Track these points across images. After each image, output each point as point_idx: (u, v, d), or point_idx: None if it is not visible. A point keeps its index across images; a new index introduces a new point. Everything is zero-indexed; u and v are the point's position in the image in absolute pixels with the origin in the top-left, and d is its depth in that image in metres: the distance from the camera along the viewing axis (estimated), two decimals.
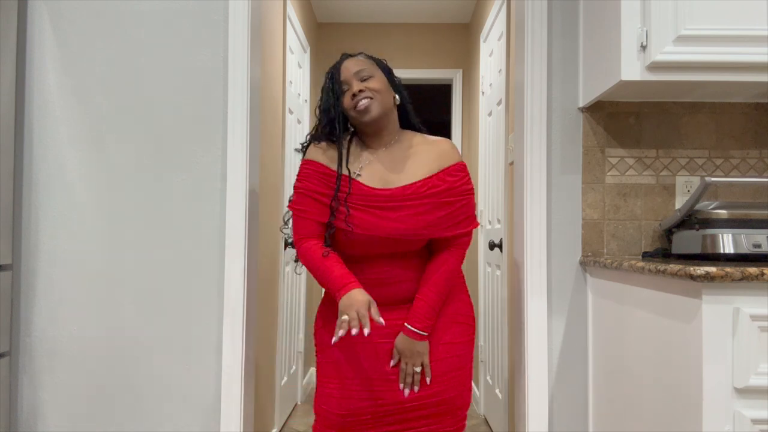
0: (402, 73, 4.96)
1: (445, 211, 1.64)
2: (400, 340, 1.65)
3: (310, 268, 1.67)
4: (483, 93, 3.61)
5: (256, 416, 2.55)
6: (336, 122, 1.65)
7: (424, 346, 1.65)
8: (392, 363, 1.66)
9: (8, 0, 1.88)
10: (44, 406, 1.97)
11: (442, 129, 4.90)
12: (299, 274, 1.80)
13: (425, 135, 1.76)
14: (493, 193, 3.22)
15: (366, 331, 1.49)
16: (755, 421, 1.35)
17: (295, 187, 1.70)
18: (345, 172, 1.65)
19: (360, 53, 1.74)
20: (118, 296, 1.98)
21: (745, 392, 1.35)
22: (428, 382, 1.66)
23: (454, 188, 1.65)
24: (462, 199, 1.67)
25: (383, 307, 1.63)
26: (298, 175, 1.70)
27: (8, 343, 1.90)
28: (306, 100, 3.91)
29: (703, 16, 1.69)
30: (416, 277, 1.69)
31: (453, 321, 1.72)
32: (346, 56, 1.72)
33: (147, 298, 1.98)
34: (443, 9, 4.18)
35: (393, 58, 4.47)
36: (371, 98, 1.62)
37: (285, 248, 3.23)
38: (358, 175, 1.66)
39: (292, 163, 3.47)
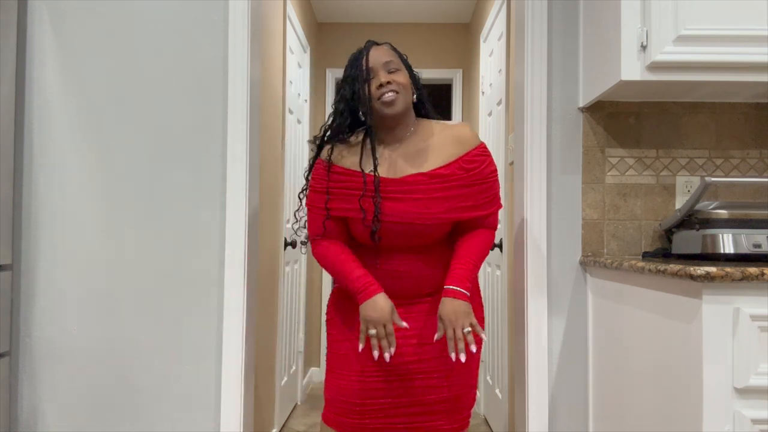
0: None
1: (466, 194, 1.63)
2: (444, 304, 1.58)
3: (325, 265, 1.68)
4: (483, 93, 3.61)
5: (256, 416, 2.55)
6: (365, 109, 1.61)
7: (468, 306, 1.58)
8: (437, 336, 1.58)
9: (8, 0, 1.88)
10: (44, 406, 1.97)
11: None
12: (303, 254, 1.81)
13: (441, 122, 1.72)
14: None
15: (387, 355, 1.55)
16: (755, 421, 1.35)
17: (310, 186, 1.69)
18: (363, 169, 1.62)
19: (386, 42, 1.70)
20: (118, 296, 1.98)
21: (745, 392, 1.35)
22: (484, 338, 1.62)
23: (473, 174, 1.64)
24: (485, 182, 1.66)
25: (403, 300, 1.65)
26: (312, 174, 1.69)
27: (8, 343, 1.90)
28: (306, 100, 3.91)
29: (703, 16, 1.69)
30: (437, 273, 1.67)
31: None
32: (372, 43, 1.67)
33: (147, 298, 1.98)
34: (443, 9, 4.18)
35: None
36: (397, 92, 1.60)
37: (285, 248, 3.23)
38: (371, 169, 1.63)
39: (292, 163, 3.47)
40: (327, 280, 4.31)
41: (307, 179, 1.72)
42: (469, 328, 1.57)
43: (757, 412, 1.35)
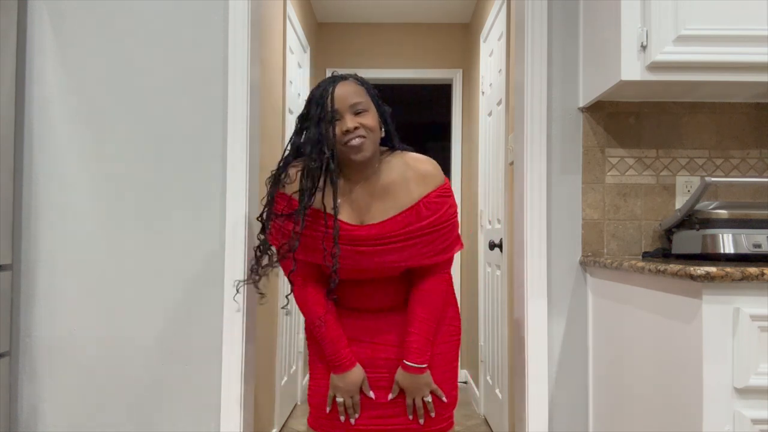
0: (402, 73, 4.97)
1: (426, 241, 1.60)
2: (402, 376, 1.64)
3: (307, 322, 1.71)
4: (483, 93, 3.61)
5: (256, 416, 2.55)
6: (330, 157, 1.51)
7: (427, 377, 1.65)
8: (391, 396, 1.66)
9: (8, 0, 1.88)
10: (44, 406, 1.97)
11: (442, 129, 4.90)
12: (287, 314, 1.81)
13: (406, 155, 1.65)
14: (493, 193, 3.22)
15: (353, 420, 1.65)
16: (755, 421, 1.35)
17: (274, 222, 1.61)
18: (322, 207, 1.55)
19: (351, 76, 1.61)
20: (118, 296, 1.98)
21: (745, 392, 1.35)
22: (445, 400, 1.68)
23: (435, 217, 1.60)
24: (445, 226, 1.62)
25: (372, 313, 1.71)
26: (276, 209, 1.60)
27: (8, 343, 1.90)
28: None
29: (703, 16, 1.69)
30: (402, 289, 1.71)
31: (441, 323, 1.72)
32: (337, 79, 1.58)
33: (147, 298, 1.98)
34: (443, 9, 4.18)
35: (393, 58, 4.50)
36: (365, 137, 1.53)
37: None
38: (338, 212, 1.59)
39: None
40: None
41: (266, 217, 1.63)
42: (429, 398, 1.66)
43: (757, 412, 1.35)
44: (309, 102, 1.58)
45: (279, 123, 3.11)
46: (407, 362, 1.63)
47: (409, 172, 1.62)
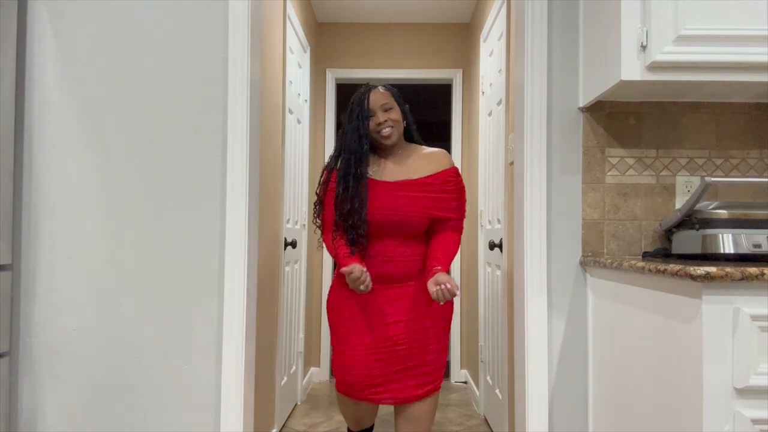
0: (402, 73, 4.97)
1: (442, 198, 2.10)
2: (439, 275, 1.94)
3: (328, 250, 2.13)
4: (483, 93, 3.61)
5: (256, 416, 2.55)
6: (363, 138, 2.06)
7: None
8: (435, 295, 1.90)
9: (8, 0, 1.88)
10: (44, 406, 1.97)
11: (442, 129, 4.90)
12: (320, 248, 2.32)
13: (424, 147, 2.21)
14: (493, 193, 3.21)
15: (368, 286, 1.96)
16: (755, 421, 1.35)
17: (329, 190, 2.11)
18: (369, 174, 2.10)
19: (382, 85, 2.13)
20: (118, 296, 1.98)
21: (745, 392, 1.35)
22: (458, 294, 2.00)
23: (448, 184, 2.12)
24: (455, 193, 2.14)
25: (393, 284, 2.08)
26: (326, 179, 2.14)
27: (8, 343, 1.90)
28: (306, 100, 3.91)
29: (703, 16, 1.69)
30: (417, 257, 2.10)
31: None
32: (371, 88, 2.11)
33: (147, 298, 1.98)
34: (443, 9, 4.18)
35: (393, 58, 4.50)
36: (392, 127, 2.08)
37: (285, 248, 3.23)
38: (371, 175, 2.09)
39: (292, 163, 3.47)
40: (327, 280, 4.31)
41: (325, 183, 2.14)
42: (449, 285, 1.93)
43: (757, 412, 1.35)
44: (351, 104, 2.11)
45: (279, 123, 3.11)
46: (438, 267, 1.99)
47: (428, 157, 2.16)
